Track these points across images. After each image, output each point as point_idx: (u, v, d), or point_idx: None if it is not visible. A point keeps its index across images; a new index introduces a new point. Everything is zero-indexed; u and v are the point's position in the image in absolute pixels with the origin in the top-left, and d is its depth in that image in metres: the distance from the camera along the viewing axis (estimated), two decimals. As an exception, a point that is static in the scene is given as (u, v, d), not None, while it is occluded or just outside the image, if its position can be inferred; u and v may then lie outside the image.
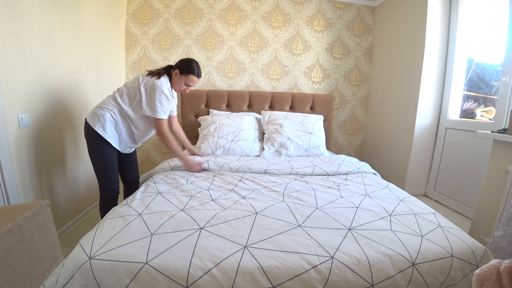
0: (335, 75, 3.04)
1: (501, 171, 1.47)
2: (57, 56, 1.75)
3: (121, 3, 2.65)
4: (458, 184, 2.27)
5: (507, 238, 1.21)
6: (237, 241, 0.97)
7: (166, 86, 1.60)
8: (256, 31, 2.86)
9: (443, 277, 0.94)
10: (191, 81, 1.65)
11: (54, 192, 1.78)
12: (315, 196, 1.41)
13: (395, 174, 2.71)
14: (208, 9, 2.79)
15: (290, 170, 1.81)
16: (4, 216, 0.51)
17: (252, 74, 2.93)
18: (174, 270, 0.84)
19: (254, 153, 2.22)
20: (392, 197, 1.44)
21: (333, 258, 0.91)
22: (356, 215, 1.20)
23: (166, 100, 1.60)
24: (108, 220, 1.09)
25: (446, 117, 2.42)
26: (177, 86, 1.68)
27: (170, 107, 1.70)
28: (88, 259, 0.86)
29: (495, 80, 2.14)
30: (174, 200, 1.32)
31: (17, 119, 1.46)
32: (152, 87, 1.57)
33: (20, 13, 1.44)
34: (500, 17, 1.98)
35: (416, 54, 2.43)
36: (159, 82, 1.57)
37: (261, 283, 0.84)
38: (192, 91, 2.74)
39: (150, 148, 3.00)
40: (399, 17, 2.65)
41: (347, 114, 3.16)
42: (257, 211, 1.21)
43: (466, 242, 1.03)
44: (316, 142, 2.32)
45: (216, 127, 2.31)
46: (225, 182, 1.60)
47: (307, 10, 2.88)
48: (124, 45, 2.77)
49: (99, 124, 1.54)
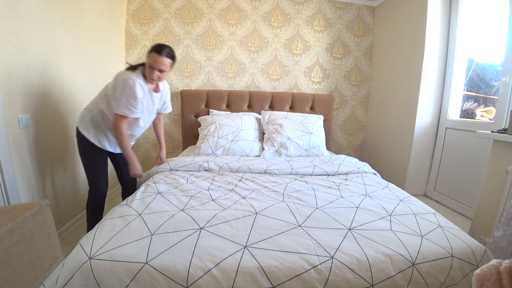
0: (335, 75, 3.04)
1: (501, 171, 1.47)
2: (57, 56, 1.75)
3: (121, 3, 2.65)
4: (458, 184, 2.27)
5: (507, 238, 1.21)
6: (237, 241, 0.97)
7: (133, 78, 1.41)
8: (256, 31, 2.86)
9: (443, 277, 0.94)
10: (153, 60, 1.42)
11: (54, 192, 1.78)
12: (315, 196, 1.41)
13: (395, 174, 2.71)
14: (208, 9, 2.79)
15: (290, 170, 1.81)
16: (4, 216, 0.51)
17: (252, 74, 2.93)
18: (174, 270, 0.84)
19: (254, 153, 2.22)
20: (392, 197, 1.44)
21: (333, 258, 0.91)
22: (356, 215, 1.20)
23: (132, 94, 1.41)
24: (108, 220, 1.09)
25: (446, 117, 2.42)
26: (147, 74, 1.47)
27: (140, 107, 1.49)
28: (88, 259, 0.86)
29: (495, 80, 2.14)
30: (174, 200, 1.32)
31: (17, 119, 1.46)
32: (116, 77, 1.44)
33: (20, 13, 1.44)
34: (500, 17, 1.98)
35: (416, 54, 2.43)
36: (126, 73, 1.44)
37: (261, 283, 0.84)
38: (192, 91, 2.74)
39: (150, 148, 3.00)
40: (399, 17, 2.65)
41: (347, 114, 3.16)
42: (257, 211, 1.21)
43: (466, 242, 1.03)
44: (316, 142, 2.32)
45: (216, 127, 2.30)
46: (225, 182, 1.60)
47: (307, 10, 2.88)
48: (124, 45, 2.77)
49: (83, 125, 1.53)
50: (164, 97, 1.74)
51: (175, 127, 2.97)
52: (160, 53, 1.42)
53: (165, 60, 1.44)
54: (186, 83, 2.89)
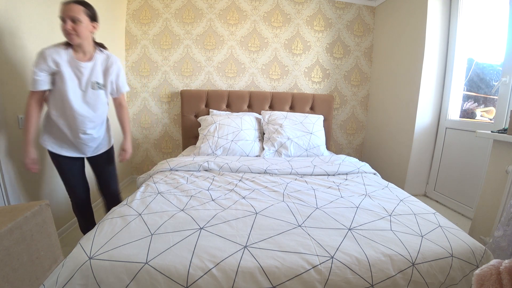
0: (335, 75, 3.04)
1: (501, 171, 1.47)
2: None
3: (121, 3, 2.65)
4: (458, 184, 2.27)
5: (507, 238, 1.21)
6: (237, 241, 0.97)
7: (44, 48, 1.30)
8: (256, 31, 2.86)
9: (443, 277, 0.94)
10: (61, 11, 1.28)
11: (54, 192, 1.78)
12: (315, 196, 1.41)
13: (395, 174, 2.71)
14: (208, 9, 2.79)
15: (290, 170, 1.81)
16: (4, 216, 0.51)
17: (252, 74, 2.93)
18: (174, 270, 0.84)
19: (254, 153, 2.22)
20: (392, 197, 1.44)
21: (333, 258, 0.91)
22: (356, 215, 1.20)
23: (36, 63, 1.27)
24: (108, 220, 1.09)
25: (446, 117, 2.42)
26: (62, 31, 1.31)
27: (45, 76, 1.29)
28: (88, 259, 0.86)
29: (495, 80, 2.14)
30: (174, 200, 1.32)
31: (17, 119, 1.46)
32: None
33: (20, 13, 1.44)
34: (500, 17, 1.98)
35: (416, 54, 2.43)
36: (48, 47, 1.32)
37: (261, 283, 0.84)
38: (192, 91, 2.74)
39: (150, 148, 3.00)
40: (399, 17, 2.65)
41: (347, 114, 3.16)
42: (257, 211, 1.21)
43: (466, 242, 1.03)
44: (316, 142, 2.32)
45: (216, 127, 2.30)
46: (225, 182, 1.60)
47: (307, 10, 2.88)
48: (124, 45, 2.77)
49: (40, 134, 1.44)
50: (107, 72, 1.46)
51: (175, 127, 2.97)
52: (67, 2, 1.28)
53: (72, 6, 1.27)
54: (186, 83, 2.89)
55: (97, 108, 1.46)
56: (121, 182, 2.77)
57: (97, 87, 1.44)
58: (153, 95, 2.89)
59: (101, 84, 1.45)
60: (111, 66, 1.47)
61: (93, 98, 1.43)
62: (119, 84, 1.54)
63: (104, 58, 1.46)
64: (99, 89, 1.45)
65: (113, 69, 1.48)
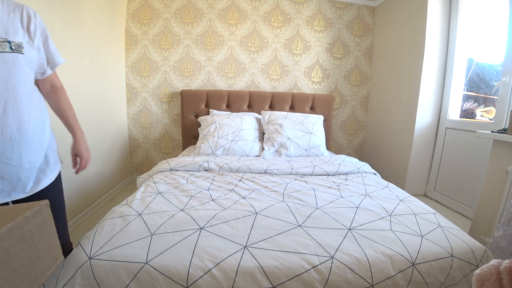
0: (335, 75, 3.04)
1: (501, 171, 1.47)
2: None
3: (121, 3, 2.65)
4: (458, 184, 2.27)
5: (507, 238, 1.21)
6: (237, 241, 0.97)
7: None
8: (256, 31, 2.86)
9: (443, 277, 0.94)
10: None
11: (54, 192, 1.78)
12: (315, 196, 1.41)
13: (395, 174, 2.71)
14: (208, 9, 2.79)
15: (290, 170, 1.81)
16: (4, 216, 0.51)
17: (252, 74, 2.93)
18: (174, 270, 0.84)
19: (254, 153, 2.22)
20: (392, 197, 1.44)
21: (333, 258, 0.91)
22: (356, 215, 1.20)
23: None
24: (108, 220, 1.09)
25: (446, 117, 2.42)
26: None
27: None
28: (88, 259, 0.86)
29: (495, 80, 2.14)
30: (174, 200, 1.32)
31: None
32: None
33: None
34: (500, 17, 1.98)
35: (416, 54, 2.43)
36: None
37: (261, 283, 0.84)
38: (192, 91, 2.74)
39: (150, 148, 3.00)
40: (399, 17, 2.65)
41: (347, 114, 3.16)
42: (257, 211, 1.21)
43: (466, 242, 1.03)
44: (316, 142, 2.32)
45: (216, 127, 2.31)
46: (225, 182, 1.60)
47: (307, 10, 2.88)
48: (124, 45, 2.77)
49: None
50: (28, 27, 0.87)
51: (175, 127, 2.97)
52: None
53: None
54: (186, 83, 2.89)
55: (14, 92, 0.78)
56: (121, 182, 2.77)
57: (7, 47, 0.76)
58: (153, 95, 2.89)
59: (16, 43, 0.78)
60: (30, 19, 0.87)
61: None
62: (51, 52, 0.94)
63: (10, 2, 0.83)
64: (11, 50, 0.77)
65: (34, 25, 0.88)
